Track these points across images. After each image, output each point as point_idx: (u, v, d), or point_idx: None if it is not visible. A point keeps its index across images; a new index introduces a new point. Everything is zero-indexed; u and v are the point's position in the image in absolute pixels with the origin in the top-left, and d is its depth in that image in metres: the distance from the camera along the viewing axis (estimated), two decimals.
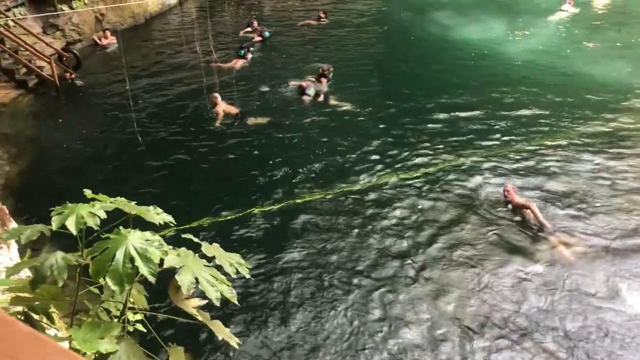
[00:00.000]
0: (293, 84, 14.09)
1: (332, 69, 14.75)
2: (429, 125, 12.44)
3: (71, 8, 17.06)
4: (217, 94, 13.02)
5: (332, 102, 13.49)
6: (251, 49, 16.91)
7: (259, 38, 18.19)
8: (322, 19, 20.37)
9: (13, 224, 6.37)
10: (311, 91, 13.57)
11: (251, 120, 12.53)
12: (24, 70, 14.23)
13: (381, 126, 12.47)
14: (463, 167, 10.57)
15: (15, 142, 11.59)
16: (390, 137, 11.88)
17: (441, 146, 11.42)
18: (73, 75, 14.90)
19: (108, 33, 17.81)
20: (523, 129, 12.20)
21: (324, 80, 14.40)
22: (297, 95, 13.67)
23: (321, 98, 13.55)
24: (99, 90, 14.68)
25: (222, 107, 12.86)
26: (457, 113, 12.91)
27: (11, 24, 14.47)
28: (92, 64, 16.24)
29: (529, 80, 14.98)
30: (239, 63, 16.04)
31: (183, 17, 21.63)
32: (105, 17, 18.52)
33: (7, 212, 7.23)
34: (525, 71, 15.76)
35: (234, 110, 12.91)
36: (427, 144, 11.53)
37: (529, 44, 18.12)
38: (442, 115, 12.83)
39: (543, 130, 12.11)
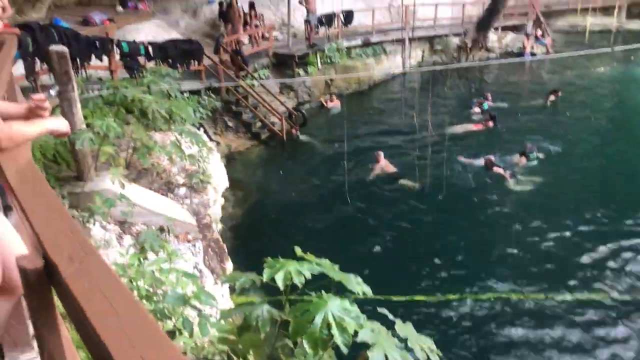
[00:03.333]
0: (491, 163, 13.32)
1: (535, 148, 13.91)
2: None
3: (306, 73, 18.96)
4: (381, 152, 13.65)
5: (523, 184, 12.64)
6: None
7: (478, 110, 18.00)
8: (552, 97, 19.26)
9: (229, 262, 7.11)
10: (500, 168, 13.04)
11: (402, 182, 12.67)
12: (259, 124, 16.05)
13: (580, 223, 10.95)
14: None
15: (242, 186, 12.98)
16: (592, 240, 10.30)
17: None
18: (298, 132, 16.35)
19: (334, 97, 19.25)
20: None
21: (523, 158, 13.67)
22: (484, 168, 13.13)
23: (507, 173, 12.85)
24: (319, 148, 15.83)
25: (383, 164, 13.34)
26: None
27: (256, 83, 16.53)
28: (316, 123, 17.60)
29: None
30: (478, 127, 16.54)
31: (405, 86, 22.48)
32: (333, 82, 20.16)
33: (226, 249, 8.09)
34: None
35: (391, 169, 13.25)
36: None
37: None
38: None
39: None
